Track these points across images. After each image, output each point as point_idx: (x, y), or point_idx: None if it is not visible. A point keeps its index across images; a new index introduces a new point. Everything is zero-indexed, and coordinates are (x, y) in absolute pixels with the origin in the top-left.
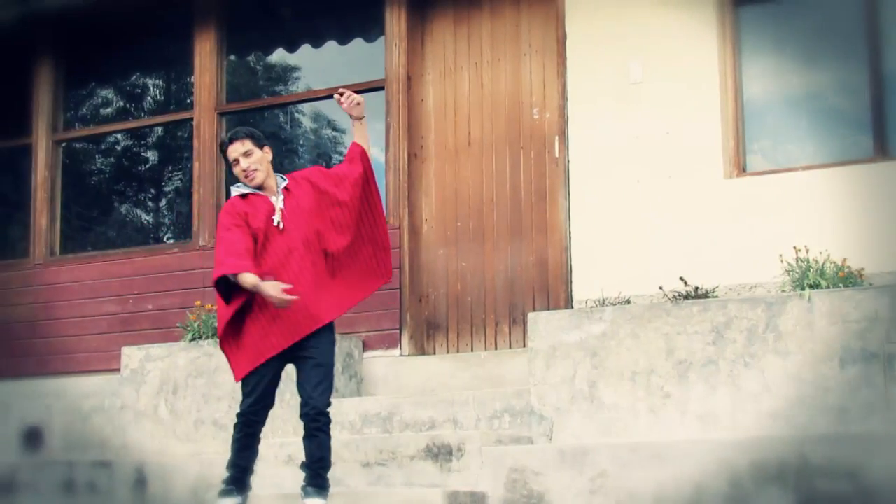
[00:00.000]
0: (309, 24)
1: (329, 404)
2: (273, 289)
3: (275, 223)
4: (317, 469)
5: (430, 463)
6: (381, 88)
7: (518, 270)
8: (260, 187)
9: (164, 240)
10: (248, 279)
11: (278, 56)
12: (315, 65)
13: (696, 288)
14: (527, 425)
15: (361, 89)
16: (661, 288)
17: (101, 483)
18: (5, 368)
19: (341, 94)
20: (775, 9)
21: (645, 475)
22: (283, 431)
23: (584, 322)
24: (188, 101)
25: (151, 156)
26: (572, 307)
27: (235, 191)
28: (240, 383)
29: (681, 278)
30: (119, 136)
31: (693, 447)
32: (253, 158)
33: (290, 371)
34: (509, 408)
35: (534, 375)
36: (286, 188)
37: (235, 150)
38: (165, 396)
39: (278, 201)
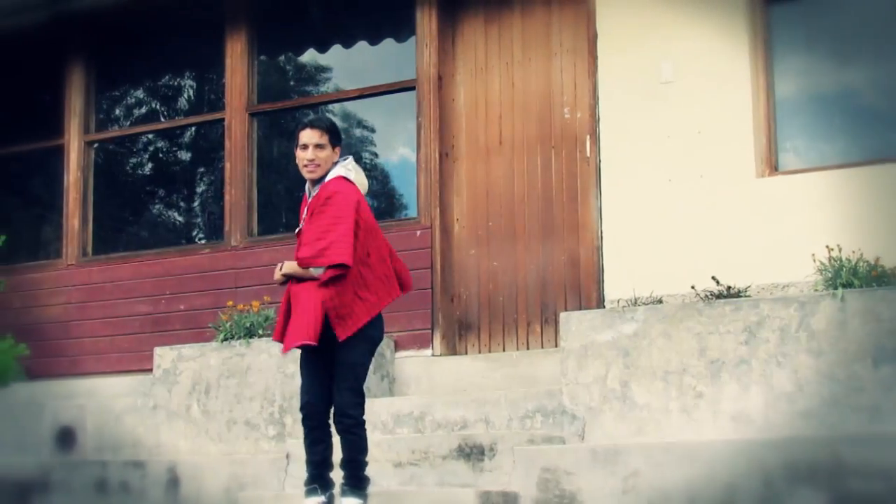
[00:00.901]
0: (340, 25)
1: (353, 404)
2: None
3: (300, 226)
4: (350, 467)
5: (462, 463)
6: (413, 88)
7: (550, 270)
8: (311, 182)
9: (196, 240)
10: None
11: (309, 56)
12: (346, 65)
13: (729, 287)
14: (559, 425)
15: (392, 89)
16: (693, 287)
17: (134, 483)
18: (38, 369)
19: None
20: (807, 7)
21: (677, 475)
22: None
23: (616, 321)
24: (219, 101)
25: (183, 156)
26: (604, 307)
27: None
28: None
29: (713, 277)
30: (151, 136)
31: (725, 447)
32: (322, 154)
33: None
34: (541, 407)
35: (566, 375)
36: (315, 196)
37: (310, 136)
38: (198, 396)
39: (307, 204)
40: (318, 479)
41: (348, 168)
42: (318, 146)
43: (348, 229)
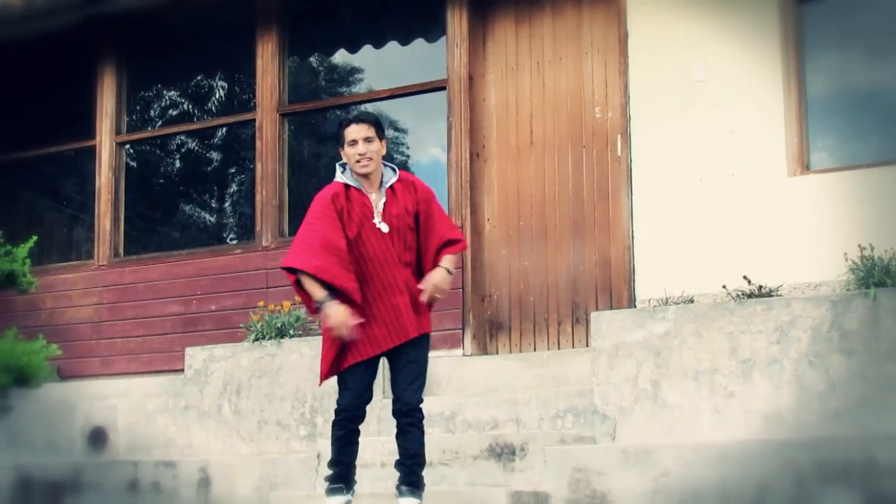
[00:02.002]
0: (370, 25)
1: (422, 400)
2: (338, 316)
3: (375, 224)
4: (411, 466)
5: (492, 463)
6: (443, 88)
7: (580, 270)
8: (365, 177)
9: (228, 241)
10: (316, 290)
11: (340, 57)
12: (377, 65)
13: (760, 287)
14: (590, 425)
15: (423, 89)
16: (724, 287)
17: (166, 483)
18: (70, 369)
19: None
20: (838, 4)
21: (709, 475)
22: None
23: (648, 321)
24: (250, 102)
25: (214, 157)
26: (635, 306)
27: (340, 177)
28: (336, 379)
29: (744, 277)
30: (182, 137)
31: (757, 447)
32: (372, 147)
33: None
34: (572, 407)
35: (597, 375)
36: (392, 188)
37: (358, 131)
38: (229, 396)
39: (380, 201)
40: (344, 479)
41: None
42: (367, 139)
43: None
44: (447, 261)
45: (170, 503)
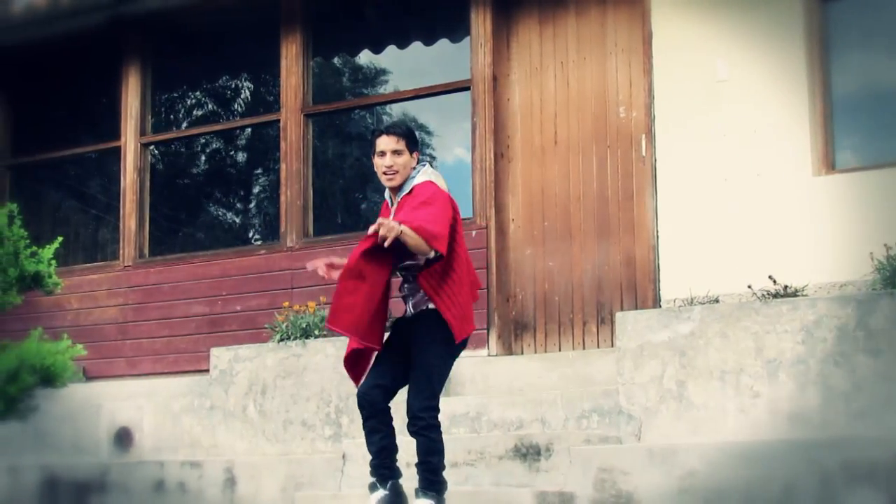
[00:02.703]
0: (394, 25)
1: (426, 407)
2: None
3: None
4: (422, 470)
5: (518, 463)
6: (467, 89)
7: (605, 270)
8: (393, 189)
9: (252, 241)
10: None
11: (364, 57)
12: (401, 65)
13: (786, 286)
14: (615, 425)
15: (447, 90)
16: (749, 286)
17: (191, 483)
18: (96, 370)
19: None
20: (863, 3)
21: (734, 475)
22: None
23: (673, 321)
24: (275, 102)
25: (238, 157)
26: (660, 306)
27: (386, 193)
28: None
29: (770, 277)
30: (206, 138)
31: (783, 447)
32: (400, 160)
33: None
34: (597, 407)
35: (622, 375)
36: (408, 194)
37: (387, 143)
38: (254, 397)
39: (392, 211)
40: (377, 473)
41: (432, 174)
42: (396, 152)
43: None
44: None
45: (195, 503)
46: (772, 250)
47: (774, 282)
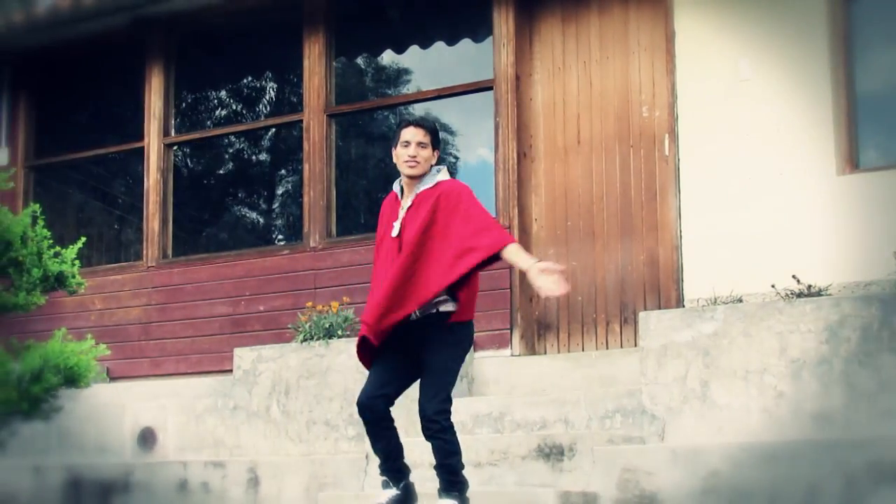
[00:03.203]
0: (417, 26)
1: (440, 411)
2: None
3: (394, 226)
4: (443, 470)
5: (541, 463)
6: (490, 88)
7: (629, 269)
8: (411, 179)
9: (275, 241)
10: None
11: (386, 57)
12: (423, 65)
13: (809, 286)
14: (638, 425)
15: (469, 89)
16: (773, 286)
17: (215, 483)
18: (120, 370)
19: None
20: (887, 0)
21: (758, 475)
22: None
23: (696, 321)
24: (297, 103)
25: (261, 158)
26: (683, 306)
27: (395, 186)
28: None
29: (793, 276)
30: (229, 138)
31: (807, 447)
32: (424, 153)
33: None
34: (621, 407)
35: (645, 375)
36: (423, 192)
37: (414, 134)
38: (277, 397)
39: (404, 209)
40: (389, 473)
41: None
42: (421, 144)
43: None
44: (512, 256)
45: (219, 503)
46: (795, 250)
47: (798, 281)
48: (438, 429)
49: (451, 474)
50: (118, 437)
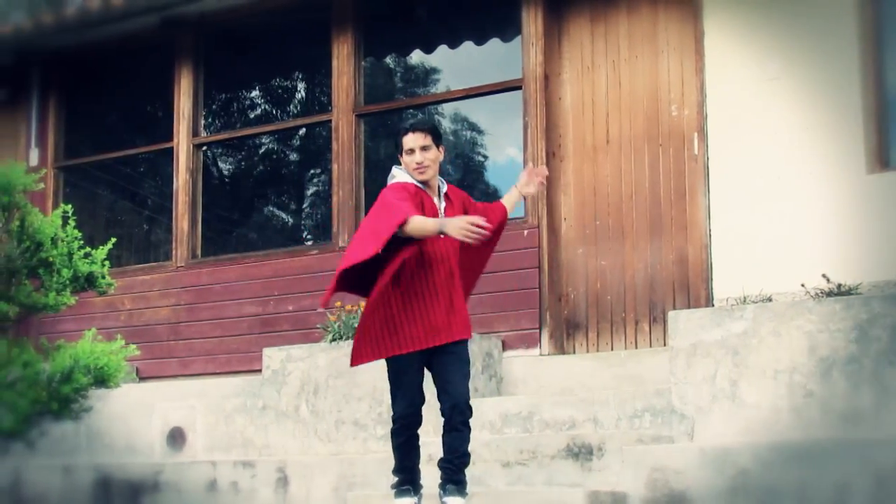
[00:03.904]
0: (445, 25)
1: (468, 401)
2: (459, 220)
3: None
4: (458, 464)
5: (570, 462)
6: (519, 88)
7: (658, 268)
8: (424, 184)
9: (304, 241)
10: (428, 222)
11: (415, 57)
12: (452, 65)
13: (839, 285)
14: (668, 424)
15: (498, 89)
16: (803, 285)
17: (244, 483)
18: (149, 370)
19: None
20: None
21: (787, 475)
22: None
23: (725, 320)
24: (326, 103)
25: (290, 158)
26: (713, 305)
27: (400, 176)
28: (389, 388)
29: (823, 275)
30: (258, 138)
31: (836, 446)
32: (430, 155)
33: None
34: (650, 407)
35: (674, 374)
36: (446, 195)
37: (415, 140)
38: (306, 397)
39: (440, 205)
40: (410, 482)
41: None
42: (424, 148)
43: None
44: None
45: (248, 503)
46: (825, 248)
47: (828, 280)
48: (465, 420)
49: (461, 470)
50: (147, 436)
